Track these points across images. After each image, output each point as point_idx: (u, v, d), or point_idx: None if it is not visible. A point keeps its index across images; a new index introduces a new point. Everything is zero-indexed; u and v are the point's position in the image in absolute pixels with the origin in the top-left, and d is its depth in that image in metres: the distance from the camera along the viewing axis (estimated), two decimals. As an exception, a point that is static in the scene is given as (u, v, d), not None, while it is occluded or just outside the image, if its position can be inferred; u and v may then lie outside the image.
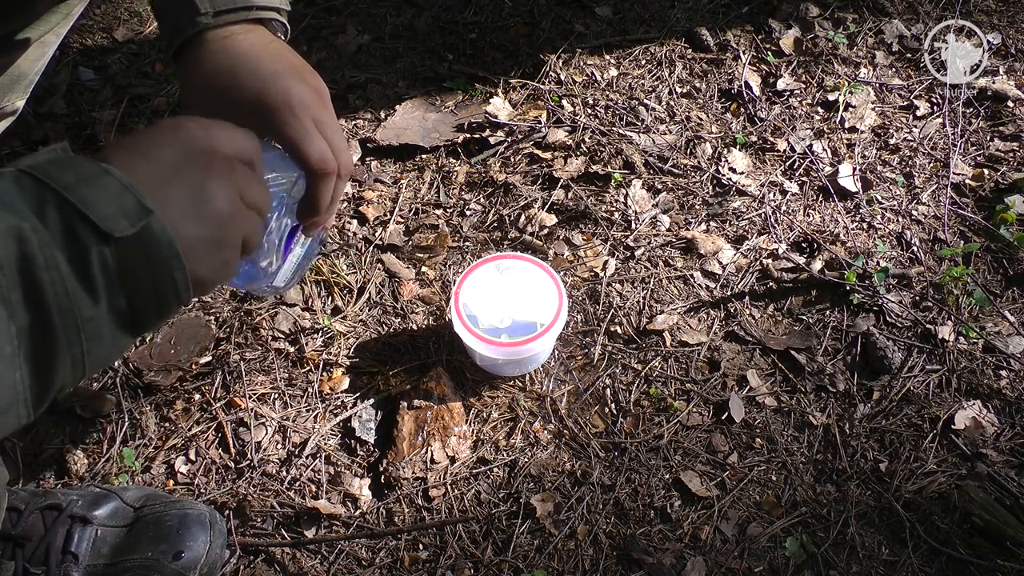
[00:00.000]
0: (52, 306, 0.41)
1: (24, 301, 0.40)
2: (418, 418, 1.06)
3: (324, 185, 0.66)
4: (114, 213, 0.43)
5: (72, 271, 0.41)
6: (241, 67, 0.66)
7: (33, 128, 1.34)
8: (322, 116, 0.67)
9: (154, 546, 0.92)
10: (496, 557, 0.98)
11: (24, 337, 0.40)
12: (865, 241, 1.24)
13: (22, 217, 0.40)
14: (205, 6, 0.67)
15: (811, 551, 0.98)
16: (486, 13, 1.52)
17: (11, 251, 0.39)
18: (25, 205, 0.41)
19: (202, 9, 0.66)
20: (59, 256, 0.41)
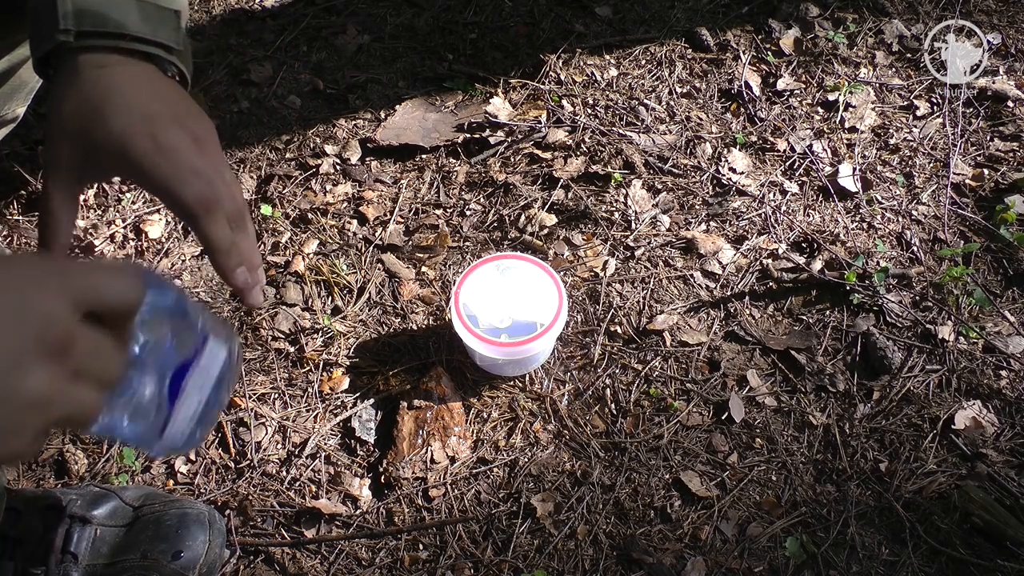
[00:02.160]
0: None
1: None
2: (418, 418, 1.06)
3: (212, 224, 0.60)
4: None
5: None
6: (110, 103, 0.59)
7: (33, 128, 1.34)
8: (198, 164, 0.60)
9: (153, 546, 0.92)
10: (496, 557, 0.98)
11: None
12: (865, 241, 1.24)
13: None
14: (67, 22, 0.59)
15: (811, 551, 0.98)
16: (486, 13, 1.52)
17: None
18: None
19: (62, 25, 0.59)
20: None
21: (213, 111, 1.39)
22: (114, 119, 0.58)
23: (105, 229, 1.24)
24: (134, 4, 0.62)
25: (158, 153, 0.59)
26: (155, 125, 0.59)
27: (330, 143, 1.36)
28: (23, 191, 1.28)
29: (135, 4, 0.62)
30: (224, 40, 1.49)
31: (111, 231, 1.24)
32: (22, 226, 1.24)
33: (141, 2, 0.63)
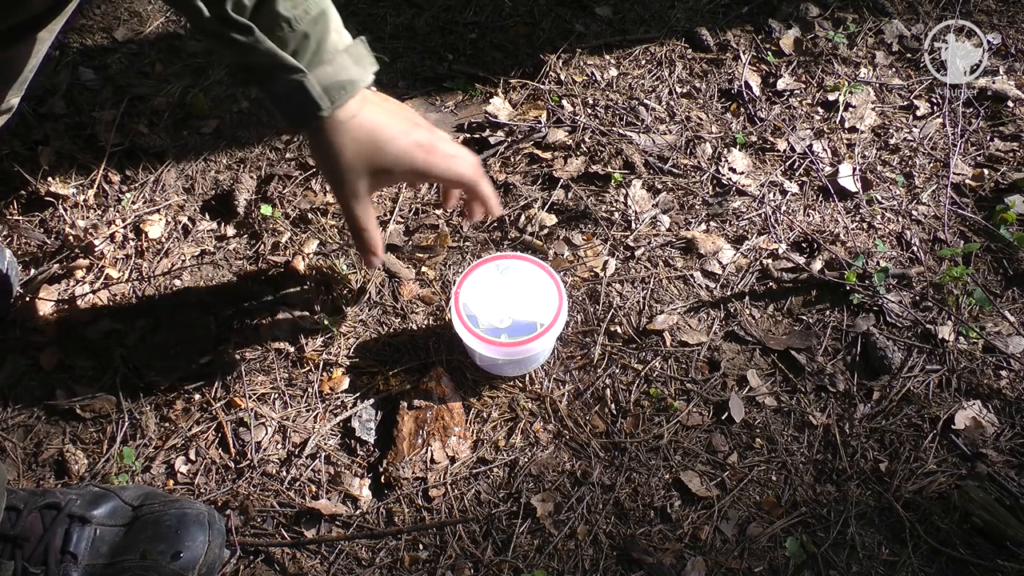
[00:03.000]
0: None
1: None
2: (418, 418, 1.06)
3: (485, 182, 0.93)
4: None
5: None
6: (380, 139, 0.84)
7: (33, 128, 1.34)
8: (450, 148, 0.89)
9: (153, 546, 0.92)
10: (496, 557, 0.98)
11: None
12: (865, 241, 1.24)
13: None
14: (324, 103, 0.80)
15: (811, 551, 0.98)
16: (486, 13, 1.52)
17: None
18: None
19: (323, 106, 0.80)
20: None
21: (213, 111, 1.39)
22: (389, 148, 0.84)
23: (105, 229, 1.24)
24: (348, 59, 0.81)
25: (431, 155, 0.87)
26: (413, 136, 0.86)
27: (330, 143, 1.35)
28: (23, 191, 1.28)
29: (349, 58, 0.82)
30: (224, 40, 1.49)
31: (111, 231, 1.24)
32: (22, 226, 1.24)
33: (349, 53, 0.82)
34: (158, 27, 1.50)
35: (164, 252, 1.23)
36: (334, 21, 0.82)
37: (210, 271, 1.22)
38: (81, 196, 1.28)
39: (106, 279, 1.20)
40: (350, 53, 0.82)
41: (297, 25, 0.78)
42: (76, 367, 1.12)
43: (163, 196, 1.29)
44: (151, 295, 1.18)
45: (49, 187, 1.27)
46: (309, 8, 0.78)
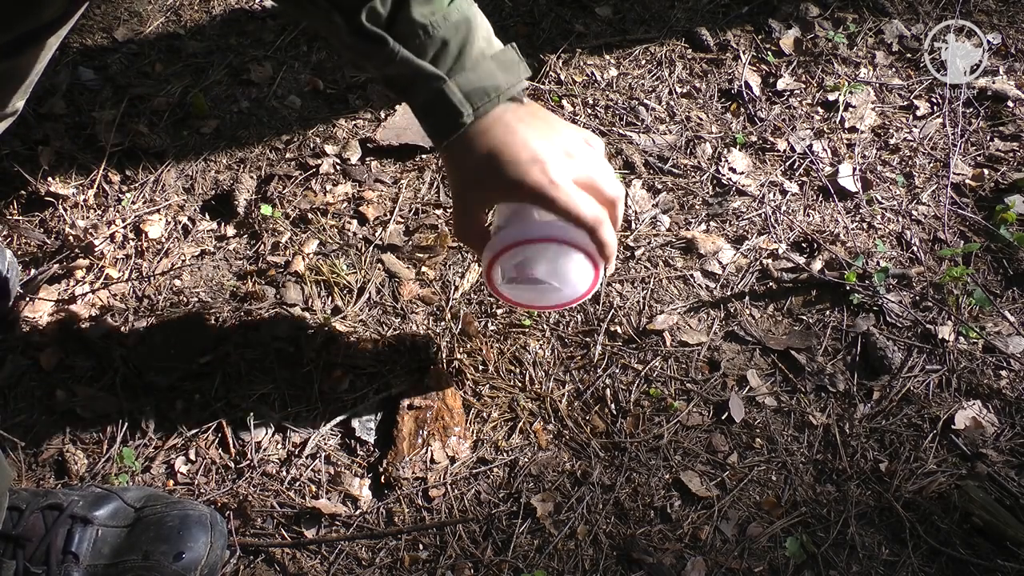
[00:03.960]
0: None
1: None
2: (418, 418, 1.06)
3: (606, 230, 0.81)
4: None
5: None
6: (500, 159, 0.77)
7: (33, 128, 1.34)
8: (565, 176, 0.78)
9: (155, 547, 0.92)
10: (496, 557, 0.98)
11: None
12: (865, 241, 1.24)
13: None
14: (465, 108, 0.76)
15: (811, 551, 0.98)
16: (486, 13, 1.52)
17: None
18: None
19: (464, 112, 0.76)
20: None
21: (213, 111, 1.39)
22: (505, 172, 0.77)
23: (105, 229, 1.24)
24: (494, 64, 0.78)
25: (549, 187, 0.77)
26: (535, 167, 0.77)
27: (330, 143, 1.36)
28: (23, 191, 1.28)
29: (494, 63, 0.78)
30: (224, 40, 1.49)
31: (111, 231, 1.24)
32: (22, 226, 1.24)
33: (495, 59, 0.78)
34: (158, 27, 1.50)
35: (164, 252, 1.23)
36: (480, 28, 0.78)
37: (210, 271, 1.22)
38: (81, 196, 1.28)
39: (106, 279, 1.20)
40: (497, 60, 0.78)
41: (435, 31, 0.75)
42: (76, 367, 1.12)
43: (163, 196, 1.29)
44: (151, 295, 1.18)
45: (49, 187, 1.27)
46: (449, 14, 0.75)
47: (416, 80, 0.76)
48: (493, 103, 0.77)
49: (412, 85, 0.77)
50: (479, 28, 0.78)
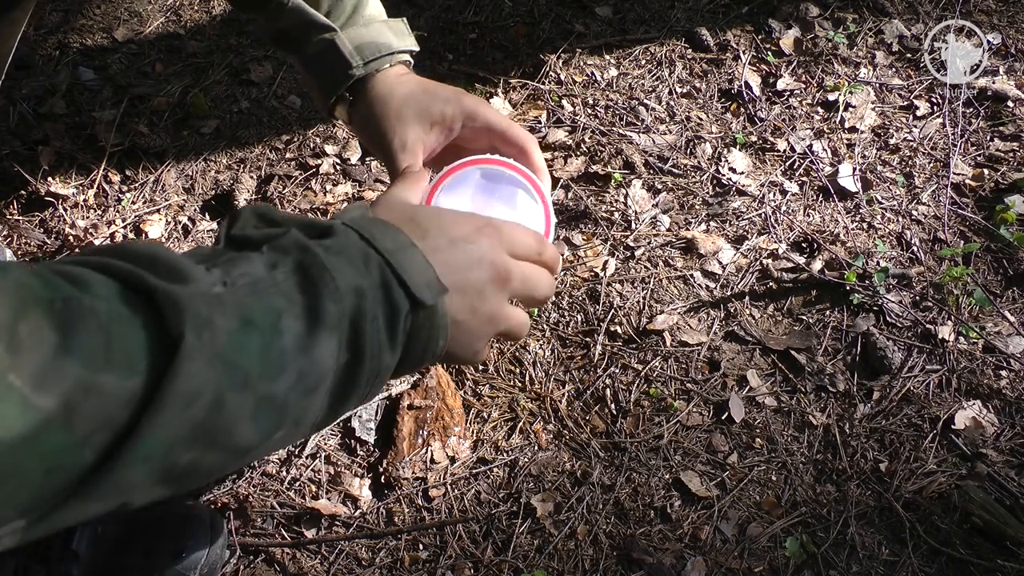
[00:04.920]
0: (367, 352, 0.47)
1: (348, 344, 0.46)
2: (418, 418, 1.06)
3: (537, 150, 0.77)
4: (421, 284, 0.50)
5: (384, 325, 0.48)
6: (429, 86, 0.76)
7: (33, 128, 1.34)
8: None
9: (155, 546, 0.92)
10: (496, 557, 0.98)
11: (338, 374, 0.46)
12: (865, 241, 1.24)
13: (360, 275, 0.48)
14: (354, 59, 0.76)
15: (811, 551, 0.98)
16: (486, 13, 1.52)
17: (351, 304, 0.46)
18: (359, 257, 0.49)
19: (353, 62, 0.76)
20: (380, 312, 0.48)
21: (213, 111, 1.39)
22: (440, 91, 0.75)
23: (105, 229, 1.24)
24: (386, 28, 0.78)
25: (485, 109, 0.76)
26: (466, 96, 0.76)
27: (330, 143, 1.36)
28: (23, 191, 1.28)
29: (386, 27, 0.78)
30: (224, 40, 1.49)
31: (111, 231, 1.24)
32: (22, 226, 1.24)
33: (387, 24, 0.79)
34: (158, 27, 1.50)
35: (164, 252, 1.23)
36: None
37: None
38: (81, 196, 1.28)
39: (106, 279, 1.20)
40: (389, 26, 0.79)
41: None
42: (76, 367, 1.12)
43: (163, 196, 1.29)
44: (151, 295, 1.18)
45: (49, 187, 1.27)
46: None
47: (308, 32, 0.77)
48: (383, 61, 0.77)
49: (303, 37, 0.77)
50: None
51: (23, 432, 0.35)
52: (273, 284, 0.45)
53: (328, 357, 0.45)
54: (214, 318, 0.41)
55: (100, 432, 0.37)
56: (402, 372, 0.54)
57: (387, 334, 0.49)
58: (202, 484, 0.45)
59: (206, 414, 0.40)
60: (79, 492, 0.38)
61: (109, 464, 0.37)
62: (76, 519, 0.39)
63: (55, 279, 0.39)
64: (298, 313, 0.45)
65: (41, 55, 1.45)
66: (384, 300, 0.48)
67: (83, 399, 0.36)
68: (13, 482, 0.36)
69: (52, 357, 0.36)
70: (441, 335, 0.53)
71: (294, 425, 0.46)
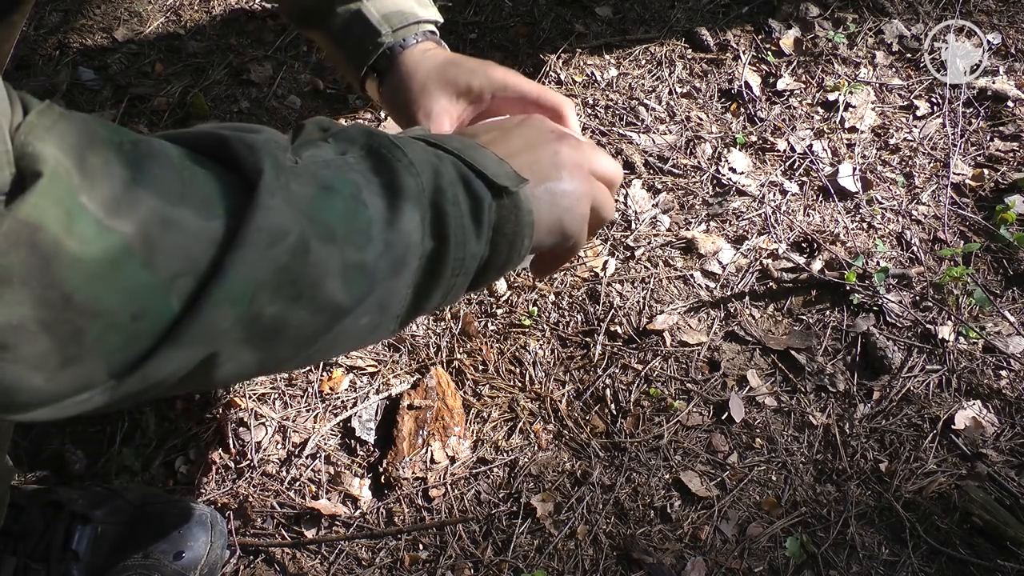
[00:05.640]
0: (451, 237, 0.45)
1: (432, 227, 0.44)
2: (418, 418, 1.06)
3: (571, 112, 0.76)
4: (500, 174, 0.48)
5: (468, 211, 0.46)
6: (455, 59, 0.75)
7: (33, 128, 1.34)
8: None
9: (155, 545, 0.92)
10: (496, 557, 0.98)
11: (423, 260, 0.44)
12: (865, 241, 1.24)
13: (434, 160, 0.46)
14: (384, 28, 0.76)
15: (811, 551, 0.98)
16: (486, 13, 1.52)
17: (428, 180, 0.44)
18: (429, 150, 0.47)
19: (382, 31, 0.76)
20: (461, 196, 0.46)
21: (213, 111, 1.39)
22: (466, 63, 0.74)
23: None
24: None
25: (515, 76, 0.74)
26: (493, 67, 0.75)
27: (330, 143, 1.35)
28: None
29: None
30: (224, 40, 1.49)
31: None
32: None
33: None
34: (158, 27, 1.50)
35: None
36: None
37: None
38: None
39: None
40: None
41: None
42: (76, 367, 1.12)
43: (163, 196, 1.29)
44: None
45: (49, 187, 1.27)
46: None
47: (332, 5, 0.77)
48: (411, 29, 0.76)
49: (327, 11, 0.77)
50: None
51: (102, 255, 0.33)
52: (346, 164, 0.43)
53: (414, 230, 0.43)
54: (290, 177, 0.39)
55: (184, 276, 0.35)
56: (489, 276, 0.51)
57: (472, 220, 0.47)
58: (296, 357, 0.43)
59: (291, 258, 0.38)
60: (167, 339, 0.36)
61: (196, 307, 0.36)
62: (166, 371, 0.37)
63: (123, 128, 0.37)
64: (376, 190, 0.43)
65: (41, 55, 1.45)
66: (464, 190, 0.46)
67: (162, 232, 0.34)
68: (102, 321, 0.34)
69: (124, 188, 0.34)
70: (527, 231, 0.50)
71: (380, 308, 0.44)
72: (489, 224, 0.48)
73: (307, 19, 0.80)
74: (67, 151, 0.32)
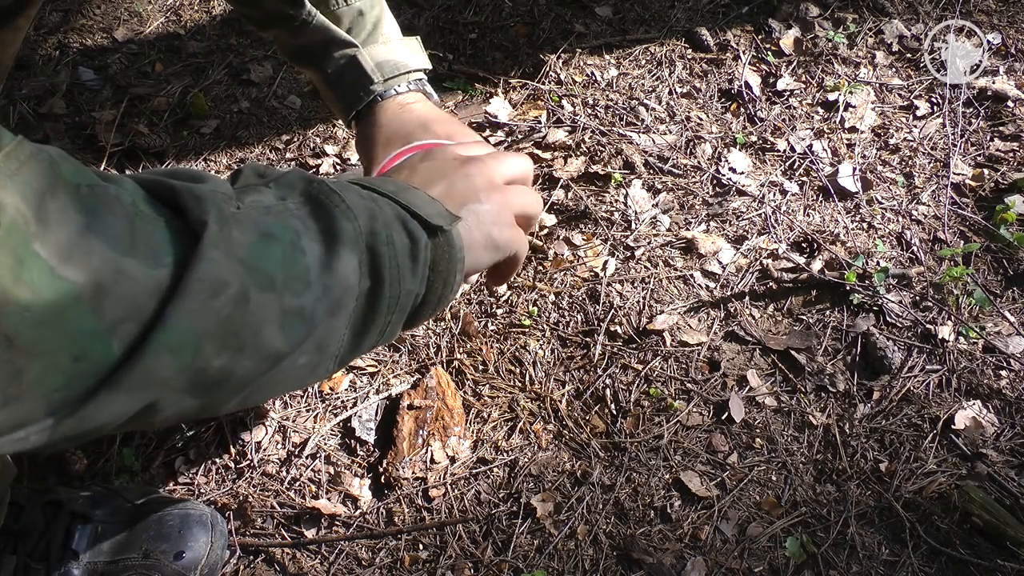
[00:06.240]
0: (387, 277, 0.47)
1: (368, 268, 0.46)
2: (418, 418, 1.06)
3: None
4: (433, 213, 0.51)
5: (404, 251, 0.48)
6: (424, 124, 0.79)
7: (33, 128, 1.34)
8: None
9: (155, 545, 0.92)
10: (496, 557, 0.98)
11: (360, 300, 0.46)
12: (865, 241, 1.24)
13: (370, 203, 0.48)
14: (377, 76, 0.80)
15: (811, 551, 0.98)
16: (486, 13, 1.52)
17: (365, 223, 0.46)
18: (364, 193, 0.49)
19: (375, 79, 0.80)
20: (396, 237, 0.48)
21: (213, 111, 1.39)
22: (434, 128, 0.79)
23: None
24: (403, 46, 0.82)
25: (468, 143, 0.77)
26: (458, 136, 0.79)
27: (330, 143, 1.36)
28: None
29: (403, 45, 0.83)
30: (224, 40, 1.49)
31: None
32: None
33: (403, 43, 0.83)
34: (158, 27, 1.50)
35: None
36: (388, 13, 0.83)
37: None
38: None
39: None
40: (406, 43, 0.83)
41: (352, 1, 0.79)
42: (76, 367, 1.12)
43: (163, 196, 1.29)
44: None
45: (49, 187, 1.27)
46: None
47: (328, 48, 0.80)
48: (401, 79, 0.81)
49: (323, 53, 0.80)
50: (387, 11, 0.83)
51: (51, 303, 0.34)
52: (286, 210, 0.45)
53: (351, 273, 0.45)
54: (232, 226, 0.41)
55: (127, 322, 0.36)
56: (425, 313, 0.54)
57: (409, 259, 0.49)
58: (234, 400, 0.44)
59: (232, 309, 0.39)
60: (107, 383, 0.37)
61: (136, 354, 0.37)
62: (106, 416, 0.38)
63: (85, 169, 0.38)
64: (315, 236, 0.45)
65: (41, 55, 1.45)
66: (402, 230, 0.49)
67: (111, 281, 0.36)
68: (42, 362, 0.34)
69: (78, 235, 0.35)
70: (459, 267, 0.53)
71: (318, 349, 0.45)
72: (425, 262, 0.50)
73: (302, 57, 0.82)
74: (27, 198, 0.34)
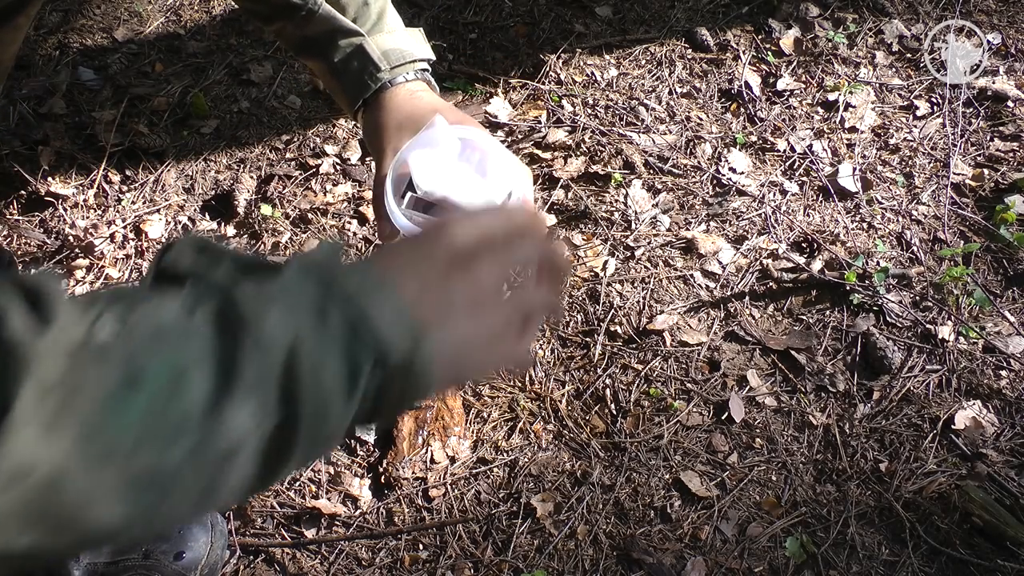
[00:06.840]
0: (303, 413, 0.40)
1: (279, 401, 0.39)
2: (418, 418, 1.06)
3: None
4: (392, 336, 0.42)
5: (343, 374, 0.41)
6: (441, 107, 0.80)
7: (33, 128, 1.34)
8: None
9: (155, 545, 0.92)
10: (496, 557, 0.98)
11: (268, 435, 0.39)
12: (865, 241, 1.24)
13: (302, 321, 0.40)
14: (383, 63, 0.80)
15: (811, 551, 0.98)
16: (486, 13, 1.52)
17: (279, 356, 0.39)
18: (309, 301, 0.41)
19: (382, 67, 0.80)
20: (331, 361, 0.40)
21: (213, 111, 1.39)
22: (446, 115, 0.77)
23: (105, 229, 1.24)
24: (407, 35, 0.83)
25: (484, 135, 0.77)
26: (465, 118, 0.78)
27: (330, 143, 1.36)
28: (23, 191, 1.28)
29: (407, 35, 0.83)
30: (224, 40, 1.49)
31: (111, 231, 1.24)
32: (22, 226, 1.24)
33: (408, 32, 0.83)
34: (158, 27, 1.50)
35: (164, 252, 1.23)
36: (391, 4, 0.84)
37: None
38: (81, 196, 1.28)
39: (106, 279, 1.20)
40: (410, 34, 0.84)
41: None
42: (76, 367, 1.12)
43: (163, 196, 1.29)
44: (151, 295, 1.18)
45: (49, 187, 1.27)
46: None
47: (334, 37, 0.80)
48: (407, 68, 0.81)
49: (329, 42, 0.80)
50: (391, 4, 0.84)
51: None
52: (183, 333, 0.38)
53: (244, 419, 0.38)
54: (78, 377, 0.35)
55: None
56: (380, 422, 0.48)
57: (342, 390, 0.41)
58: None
59: (37, 494, 0.34)
60: None
61: None
62: None
63: None
64: (210, 369, 0.38)
65: (41, 55, 1.45)
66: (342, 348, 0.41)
67: None
68: None
69: None
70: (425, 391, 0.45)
71: (203, 495, 0.40)
72: (366, 392, 0.42)
73: (308, 48, 0.82)
74: None
